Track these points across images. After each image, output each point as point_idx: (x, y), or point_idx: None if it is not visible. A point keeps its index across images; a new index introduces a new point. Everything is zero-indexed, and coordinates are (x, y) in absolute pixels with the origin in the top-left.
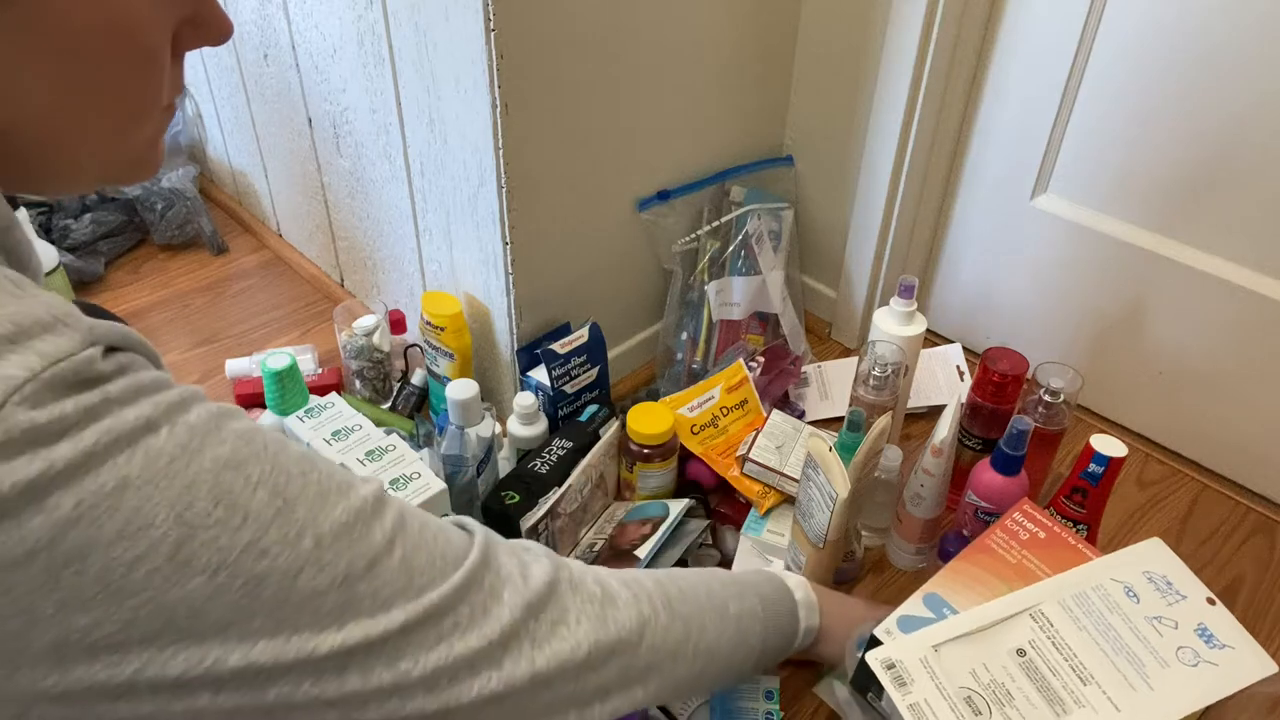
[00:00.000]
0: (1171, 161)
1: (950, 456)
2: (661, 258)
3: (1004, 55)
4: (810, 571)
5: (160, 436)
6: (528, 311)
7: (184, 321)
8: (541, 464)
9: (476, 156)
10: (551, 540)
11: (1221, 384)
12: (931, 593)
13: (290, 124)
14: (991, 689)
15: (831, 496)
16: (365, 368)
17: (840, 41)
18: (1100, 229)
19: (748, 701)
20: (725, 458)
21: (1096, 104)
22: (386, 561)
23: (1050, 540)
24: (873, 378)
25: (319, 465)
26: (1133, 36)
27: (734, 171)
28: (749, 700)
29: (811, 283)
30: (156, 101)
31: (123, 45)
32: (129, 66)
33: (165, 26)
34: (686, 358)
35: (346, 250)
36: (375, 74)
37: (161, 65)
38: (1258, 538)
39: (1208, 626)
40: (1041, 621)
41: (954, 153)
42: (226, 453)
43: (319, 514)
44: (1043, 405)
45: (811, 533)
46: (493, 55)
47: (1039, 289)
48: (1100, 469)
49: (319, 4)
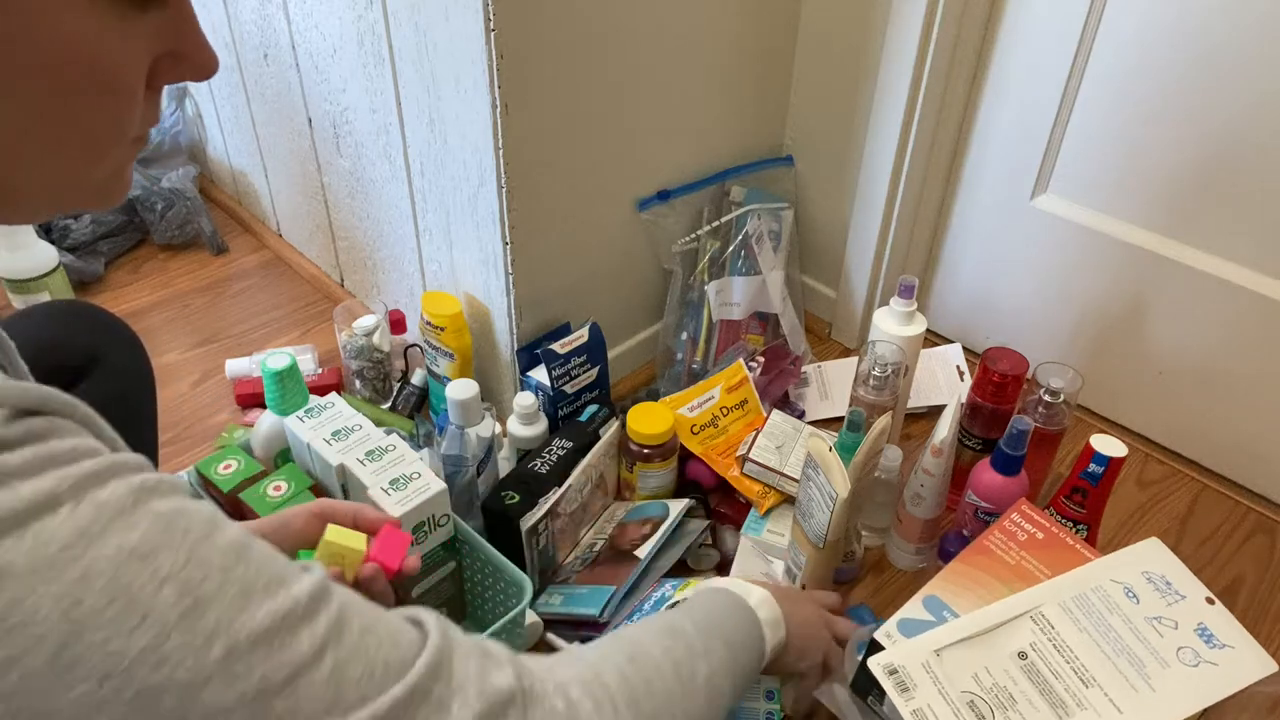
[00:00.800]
0: (1171, 161)
1: (950, 456)
2: (661, 258)
3: (1004, 55)
4: (810, 571)
5: (58, 517)
6: (528, 311)
7: (184, 321)
8: (541, 464)
9: (476, 156)
10: (551, 540)
11: (1221, 384)
12: (931, 595)
13: (290, 124)
14: (994, 692)
15: (831, 496)
16: (365, 368)
17: (840, 41)
18: (1100, 229)
19: (748, 701)
20: (725, 458)
21: (1096, 104)
22: (312, 674)
23: (1049, 541)
24: (873, 378)
25: (251, 556)
26: (1133, 36)
27: (734, 171)
28: (749, 700)
29: (811, 283)
30: (123, 136)
31: (85, 80)
32: (91, 102)
33: (139, 61)
34: (686, 358)
35: (346, 250)
36: (375, 74)
37: (131, 100)
38: (1258, 538)
39: (1207, 626)
40: (1042, 624)
41: (954, 153)
42: (135, 539)
43: (236, 617)
44: (1043, 405)
45: (811, 533)
46: (493, 55)
47: (1039, 289)
48: (1100, 469)
49: (319, 4)
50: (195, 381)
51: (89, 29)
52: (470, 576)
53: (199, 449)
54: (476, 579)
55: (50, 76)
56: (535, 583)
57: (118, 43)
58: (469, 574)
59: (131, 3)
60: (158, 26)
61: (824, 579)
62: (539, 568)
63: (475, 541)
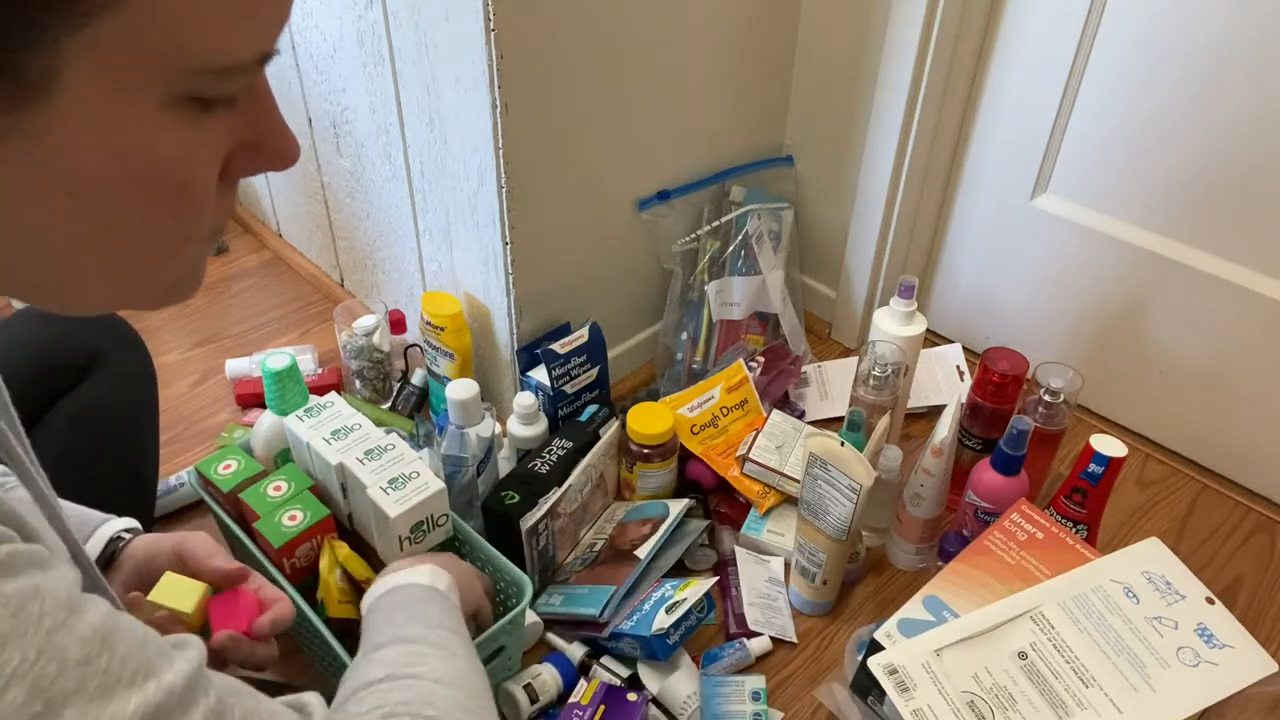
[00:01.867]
0: (1171, 161)
1: (950, 456)
2: (661, 258)
3: (1004, 55)
4: (832, 566)
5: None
6: (528, 311)
7: (184, 321)
8: (541, 464)
9: (476, 156)
10: (551, 540)
11: (1221, 384)
12: (931, 595)
13: (290, 123)
14: (994, 692)
15: (853, 488)
16: (365, 368)
17: (840, 41)
18: (1100, 229)
19: (734, 705)
20: (725, 458)
21: (1096, 104)
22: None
23: (1049, 541)
24: (873, 378)
25: (116, 642)
26: (1133, 37)
27: (734, 171)
28: (735, 704)
29: (811, 283)
30: (195, 235)
31: (149, 186)
32: (159, 210)
33: (212, 158)
34: (686, 358)
35: (346, 250)
36: (375, 74)
37: (201, 201)
38: (1258, 538)
39: (1207, 626)
40: (1042, 624)
41: (954, 153)
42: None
43: (99, 716)
44: (1043, 405)
45: (832, 528)
46: (493, 55)
47: (1039, 289)
48: (1100, 469)
49: (319, 4)
50: (195, 381)
51: (154, 136)
52: None
53: (199, 449)
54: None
55: (116, 184)
56: (535, 583)
57: (186, 148)
58: None
59: (199, 107)
60: (228, 122)
61: (842, 569)
62: (539, 568)
63: (475, 541)
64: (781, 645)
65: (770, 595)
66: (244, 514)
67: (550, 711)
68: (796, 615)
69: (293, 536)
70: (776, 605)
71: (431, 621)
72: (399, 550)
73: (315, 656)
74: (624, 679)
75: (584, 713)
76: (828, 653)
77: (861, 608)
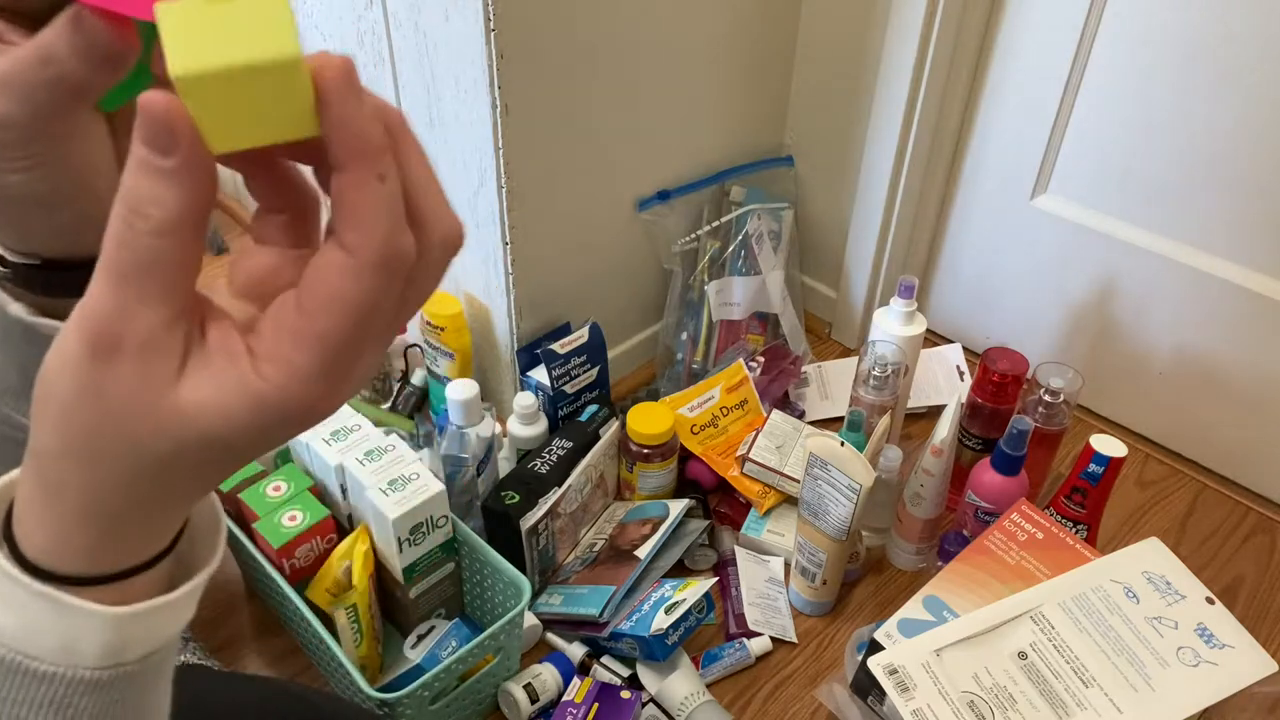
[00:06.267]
0: (1171, 161)
1: (950, 456)
2: (661, 258)
3: (1004, 55)
4: (832, 566)
5: None
6: (528, 311)
7: None
8: (541, 464)
9: (476, 157)
10: (551, 540)
11: (1221, 384)
12: (931, 595)
13: None
14: (994, 692)
15: (853, 489)
16: None
17: (840, 42)
18: (1100, 229)
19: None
20: (725, 458)
21: (1096, 104)
22: None
23: (1048, 541)
24: (873, 378)
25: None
26: (1132, 37)
27: (734, 171)
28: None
29: (811, 283)
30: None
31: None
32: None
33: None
34: (686, 358)
35: None
36: (375, 74)
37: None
38: (1258, 538)
39: (1207, 626)
40: (1042, 624)
41: (954, 153)
42: None
43: None
44: (1043, 405)
45: (832, 528)
46: (493, 55)
47: (1039, 289)
48: (1100, 469)
49: (319, 4)
50: None
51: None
52: (469, 577)
53: None
54: (475, 580)
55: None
56: (535, 583)
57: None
58: (468, 575)
59: None
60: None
61: (842, 569)
62: (539, 568)
63: (474, 542)
64: (781, 645)
65: (770, 595)
66: (243, 514)
67: (547, 711)
68: (796, 615)
69: (292, 537)
70: (776, 605)
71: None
72: (399, 551)
73: (314, 659)
74: (624, 679)
75: (578, 711)
76: (828, 653)
77: (861, 608)
